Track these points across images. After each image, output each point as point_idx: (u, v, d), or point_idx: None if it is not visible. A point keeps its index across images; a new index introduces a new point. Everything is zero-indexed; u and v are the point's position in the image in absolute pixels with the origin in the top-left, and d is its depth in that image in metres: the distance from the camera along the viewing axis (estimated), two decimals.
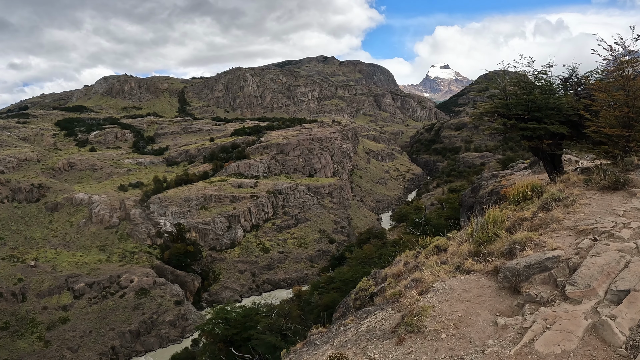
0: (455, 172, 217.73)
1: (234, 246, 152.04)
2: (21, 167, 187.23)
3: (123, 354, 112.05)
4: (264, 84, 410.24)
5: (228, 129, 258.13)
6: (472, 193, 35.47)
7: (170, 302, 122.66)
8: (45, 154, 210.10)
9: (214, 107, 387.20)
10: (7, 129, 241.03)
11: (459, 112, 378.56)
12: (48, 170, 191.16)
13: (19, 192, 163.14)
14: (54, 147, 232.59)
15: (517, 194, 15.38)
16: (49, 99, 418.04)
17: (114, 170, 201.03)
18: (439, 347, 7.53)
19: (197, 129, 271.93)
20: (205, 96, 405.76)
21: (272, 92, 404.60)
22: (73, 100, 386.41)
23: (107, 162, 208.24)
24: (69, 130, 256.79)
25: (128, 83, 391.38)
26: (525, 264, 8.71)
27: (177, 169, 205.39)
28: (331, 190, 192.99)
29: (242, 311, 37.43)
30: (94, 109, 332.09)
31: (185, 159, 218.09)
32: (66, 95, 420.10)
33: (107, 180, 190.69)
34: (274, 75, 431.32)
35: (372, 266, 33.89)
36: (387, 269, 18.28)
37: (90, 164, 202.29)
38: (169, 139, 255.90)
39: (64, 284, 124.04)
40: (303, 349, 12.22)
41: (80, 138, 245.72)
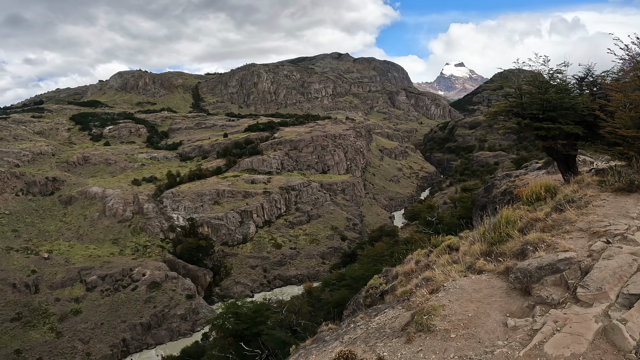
0: (469, 171, 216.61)
1: (246, 241, 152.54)
2: (36, 160, 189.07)
3: (134, 346, 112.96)
4: (278, 80, 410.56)
5: (242, 125, 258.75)
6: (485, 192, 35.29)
7: (181, 296, 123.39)
8: (60, 148, 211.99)
9: (227, 103, 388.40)
10: (22, 123, 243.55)
11: (473, 110, 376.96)
12: (62, 164, 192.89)
13: (34, 186, 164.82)
14: (69, 141, 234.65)
15: (531, 194, 15.30)
16: (64, 93, 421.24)
17: (128, 165, 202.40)
18: (448, 346, 7.53)
19: (210, 124, 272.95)
20: (219, 92, 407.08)
21: (286, 89, 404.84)
22: (88, 95, 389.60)
23: (121, 156, 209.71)
24: (83, 124, 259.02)
25: (142, 78, 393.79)
26: (537, 265, 8.67)
27: (190, 164, 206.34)
28: (344, 187, 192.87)
29: (252, 306, 37.53)
30: (109, 104, 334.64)
31: (199, 154, 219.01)
32: (81, 90, 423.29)
33: (121, 174, 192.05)
34: (288, 72, 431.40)
35: (384, 264, 33.86)
36: (398, 267, 18.28)
37: (104, 158, 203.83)
38: (182, 134, 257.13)
39: (76, 276, 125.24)
40: (312, 345, 12.26)
41: (94, 132, 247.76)
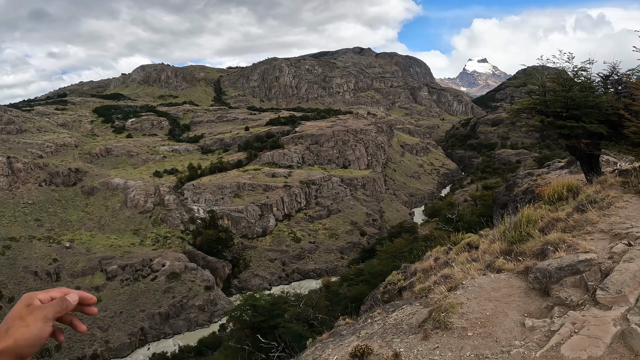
0: (490, 168, 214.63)
1: (266, 235, 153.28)
2: (59, 152, 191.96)
3: (152, 335, 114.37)
4: (300, 75, 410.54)
5: (263, 119, 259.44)
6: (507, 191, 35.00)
7: (200, 287, 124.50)
8: (83, 140, 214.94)
9: (249, 97, 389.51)
10: (46, 115, 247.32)
11: (496, 107, 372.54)
12: (85, 155, 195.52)
13: (57, 176, 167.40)
14: (92, 133, 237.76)
15: (552, 194, 15.17)
16: (87, 86, 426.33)
17: (150, 157, 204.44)
18: (464, 344, 7.54)
19: (232, 117, 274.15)
20: (240, 86, 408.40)
21: (308, 83, 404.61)
22: (111, 88, 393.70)
23: (143, 148, 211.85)
24: (106, 117, 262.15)
25: (165, 72, 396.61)
26: (556, 266, 8.62)
27: (211, 156, 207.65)
28: (364, 183, 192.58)
29: (270, 299, 37.72)
30: (131, 97, 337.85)
31: (220, 147, 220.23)
32: (104, 83, 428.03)
33: (142, 166, 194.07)
34: (310, 66, 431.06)
35: (402, 260, 33.81)
36: (417, 264, 18.27)
37: (126, 150, 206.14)
38: (204, 127, 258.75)
39: (97, 266, 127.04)
40: (329, 339, 12.32)
41: (117, 125, 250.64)
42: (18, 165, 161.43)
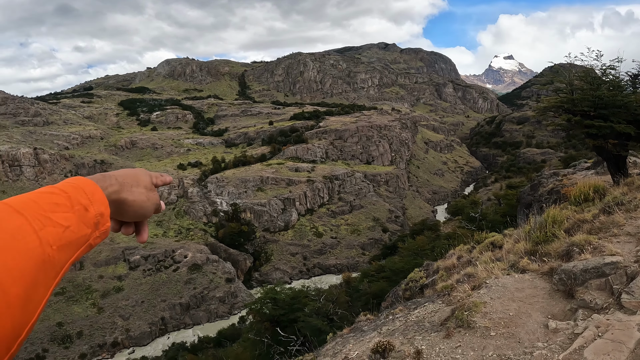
0: (515, 167, 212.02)
1: (288, 229, 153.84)
2: (85, 143, 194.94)
3: (172, 325, 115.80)
4: (324, 70, 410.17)
5: (287, 113, 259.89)
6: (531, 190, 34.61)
7: (221, 279, 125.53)
8: (109, 132, 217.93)
9: (273, 91, 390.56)
10: (72, 108, 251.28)
11: (522, 105, 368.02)
12: (111, 147, 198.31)
13: (82, 167, 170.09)
14: (117, 125, 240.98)
15: (579, 195, 15.00)
16: (112, 80, 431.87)
17: (174, 150, 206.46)
18: (487, 344, 7.54)
19: (256, 112, 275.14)
20: (265, 80, 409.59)
21: (332, 78, 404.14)
22: (136, 81, 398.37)
23: (167, 141, 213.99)
24: (131, 110, 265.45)
25: (190, 66, 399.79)
26: (582, 268, 8.54)
27: (235, 150, 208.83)
28: (388, 179, 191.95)
29: (291, 293, 37.79)
30: (156, 91, 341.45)
31: (244, 141, 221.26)
32: (129, 77, 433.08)
33: (167, 158, 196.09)
34: (334, 61, 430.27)
35: (424, 258, 33.70)
36: (439, 262, 18.21)
37: (151, 143, 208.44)
38: (228, 121, 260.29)
39: (120, 255, 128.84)
40: (350, 334, 12.38)
41: (142, 118, 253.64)
42: (44, 157, 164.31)
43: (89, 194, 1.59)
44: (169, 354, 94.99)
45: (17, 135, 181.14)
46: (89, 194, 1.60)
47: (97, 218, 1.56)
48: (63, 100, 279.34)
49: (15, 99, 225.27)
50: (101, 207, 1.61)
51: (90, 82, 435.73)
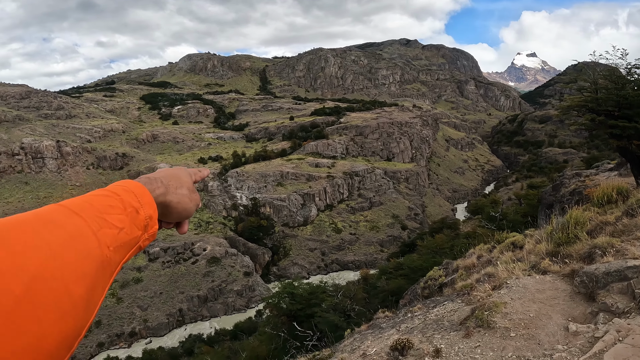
0: (536, 167, 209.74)
1: (307, 224, 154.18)
2: (107, 137, 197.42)
3: (189, 316, 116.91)
4: (345, 65, 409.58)
5: (308, 109, 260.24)
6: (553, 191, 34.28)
7: (239, 273, 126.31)
8: (130, 126, 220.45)
9: (294, 87, 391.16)
10: (94, 102, 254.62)
11: (544, 104, 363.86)
12: (132, 140, 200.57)
13: (104, 160, 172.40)
14: (139, 119, 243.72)
15: (601, 196, 14.82)
16: (134, 74, 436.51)
17: (195, 144, 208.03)
18: (506, 345, 7.53)
19: (277, 107, 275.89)
20: (286, 75, 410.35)
21: (353, 74, 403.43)
22: (158, 76, 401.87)
23: (188, 135, 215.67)
24: (153, 104, 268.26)
25: (211, 61, 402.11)
26: (604, 271, 8.46)
27: (256, 145, 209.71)
28: (408, 176, 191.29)
29: (308, 288, 37.95)
30: (178, 85, 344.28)
31: (265, 135, 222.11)
32: (151, 72, 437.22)
33: (188, 152, 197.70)
34: (356, 57, 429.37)
35: (443, 257, 33.58)
36: (459, 261, 18.16)
37: (172, 137, 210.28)
38: (249, 116, 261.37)
39: None
40: (368, 331, 12.41)
41: (163, 112, 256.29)
42: (67, 149, 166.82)
43: (139, 197, 1.64)
44: (185, 345, 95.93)
45: (40, 128, 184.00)
46: (139, 196, 1.64)
47: (146, 220, 1.60)
48: (86, 94, 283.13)
49: (38, 93, 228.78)
50: (150, 209, 1.65)
51: (113, 77, 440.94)
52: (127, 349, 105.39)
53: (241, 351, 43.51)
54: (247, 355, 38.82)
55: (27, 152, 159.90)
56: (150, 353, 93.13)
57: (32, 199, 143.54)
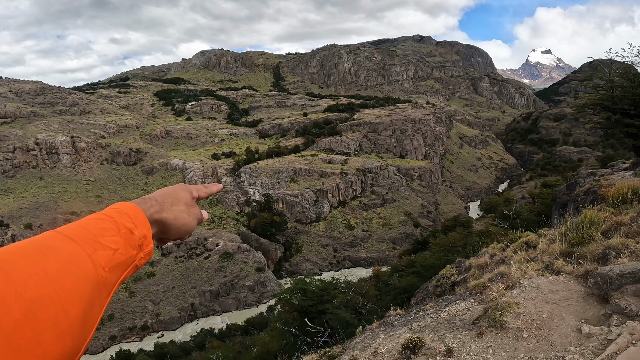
0: (551, 166, 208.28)
1: (319, 220, 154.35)
2: (121, 132, 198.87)
3: (201, 311, 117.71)
4: (359, 62, 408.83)
5: (321, 105, 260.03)
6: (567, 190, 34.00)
7: (251, 268, 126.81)
8: (144, 122, 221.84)
9: (308, 83, 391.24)
10: (108, 98, 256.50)
11: (559, 101, 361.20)
12: (146, 136, 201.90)
13: (118, 156, 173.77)
14: (153, 115, 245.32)
15: (616, 196, 14.67)
16: (148, 71, 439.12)
17: (208, 140, 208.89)
18: (519, 345, 7.51)
19: (290, 103, 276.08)
20: (299, 72, 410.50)
21: (367, 70, 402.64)
22: (171, 72, 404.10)
23: (202, 131, 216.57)
24: (167, 100, 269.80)
25: (224, 57, 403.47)
26: (618, 272, 8.39)
27: (269, 141, 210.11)
28: (421, 173, 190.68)
29: (320, 284, 37.86)
30: (191, 81, 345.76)
31: (278, 132, 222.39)
32: (165, 68, 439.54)
33: (201, 148, 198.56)
34: (369, 53, 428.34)
35: (456, 255, 33.46)
36: (472, 259, 18.08)
37: (186, 133, 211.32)
38: (262, 112, 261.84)
39: None
40: (379, 329, 12.41)
41: (177, 108, 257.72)
42: (81, 145, 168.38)
43: (132, 218, 1.70)
44: (196, 340, 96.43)
45: (54, 124, 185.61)
46: (132, 217, 1.70)
47: (141, 240, 1.67)
48: (100, 90, 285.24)
49: (53, 89, 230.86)
50: (144, 229, 1.72)
51: (126, 73, 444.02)
52: (139, 343, 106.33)
53: (252, 346, 43.73)
54: (258, 351, 39.00)
55: (42, 148, 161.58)
56: (161, 347, 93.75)
57: (46, 194, 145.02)
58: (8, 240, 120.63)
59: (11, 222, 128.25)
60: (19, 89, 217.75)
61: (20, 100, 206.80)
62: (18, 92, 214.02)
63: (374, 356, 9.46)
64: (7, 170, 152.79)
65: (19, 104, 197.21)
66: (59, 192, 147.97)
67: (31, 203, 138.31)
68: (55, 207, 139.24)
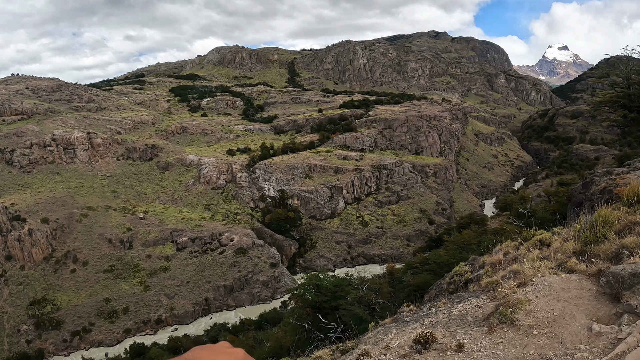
0: (567, 164, 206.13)
1: (334, 217, 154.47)
2: (137, 128, 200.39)
3: (215, 306, 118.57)
4: (374, 58, 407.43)
5: (336, 101, 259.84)
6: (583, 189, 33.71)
7: (265, 264, 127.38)
8: (160, 118, 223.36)
9: (323, 79, 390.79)
10: (124, 94, 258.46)
11: (576, 98, 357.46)
12: (161, 132, 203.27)
13: (134, 151, 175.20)
14: (168, 111, 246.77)
15: (632, 195, 14.58)
16: (163, 67, 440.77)
17: (224, 136, 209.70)
18: (529, 342, 7.56)
19: (305, 99, 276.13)
20: (314, 68, 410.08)
21: (382, 67, 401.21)
22: (187, 69, 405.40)
23: (217, 127, 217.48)
24: (182, 96, 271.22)
25: (239, 54, 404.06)
26: (630, 272, 8.39)
27: (284, 137, 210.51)
28: (436, 170, 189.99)
29: (334, 280, 37.93)
30: (206, 78, 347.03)
31: (293, 128, 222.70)
32: (180, 65, 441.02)
33: (216, 144, 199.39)
34: (384, 50, 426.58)
35: (470, 252, 33.38)
36: (485, 257, 18.04)
37: (201, 129, 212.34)
38: (277, 108, 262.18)
39: (168, 237, 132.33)
40: (392, 324, 12.47)
41: (192, 104, 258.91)
42: (97, 141, 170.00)
43: None
44: (210, 334, 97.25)
45: (71, 120, 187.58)
46: None
47: None
48: (115, 87, 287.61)
49: (69, 86, 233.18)
50: None
51: (142, 70, 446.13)
52: (153, 336, 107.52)
53: (265, 341, 43.97)
54: (271, 345, 39.19)
55: (59, 144, 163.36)
56: (175, 340, 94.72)
57: (63, 189, 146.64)
58: (25, 234, 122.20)
59: (28, 217, 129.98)
60: (35, 86, 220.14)
61: (37, 97, 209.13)
62: (35, 89, 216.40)
63: (385, 350, 9.55)
64: (25, 166, 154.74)
65: (35, 101, 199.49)
66: (76, 187, 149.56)
67: (48, 198, 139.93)
68: (72, 202, 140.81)
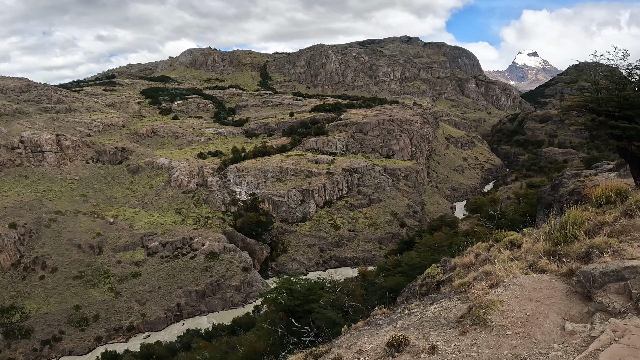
0: (536, 166, 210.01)
1: (306, 220, 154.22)
2: (107, 131, 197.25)
3: (187, 311, 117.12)
4: (346, 62, 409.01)
5: (308, 105, 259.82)
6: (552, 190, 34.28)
7: (237, 268, 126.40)
8: (130, 120, 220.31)
9: (295, 83, 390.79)
10: (94, 96, 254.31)
11: (545, 103, 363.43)
12: (132, 135, 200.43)
13: (104, 154, 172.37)
14: (139, 114, 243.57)
15: (600, 196, 14.80)
16: (135, 69, 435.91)
17: (195, 139, 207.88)
18: (502, 343, 7.54)
19: (277, 103, 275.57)
20: (286, 71, 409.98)
21: (354, 71, 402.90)
22: (158, 70, 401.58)
23: (188, 130, 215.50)
24: (153, 98, 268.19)
25: (212, 56, 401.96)
26: (601, 271, 8.46)
27: (255, 140, 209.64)
28: (407, 174, 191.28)
29: (306, 284, 37.78)
30: (178, 80, 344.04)
31: (265, 131, 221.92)
32: (151, 66, 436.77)
33: (187, 147, 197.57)
34: (357, 54, 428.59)
35: (441, 254, 33.62)
36: (457, 259, 18.14)
37: (172, 131, 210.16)
38: (249, 111, 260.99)
39: (139, 242, 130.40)
40: (365, 327, 12.42)
41: (163, 106, 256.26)
42: (66, 143, 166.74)
43: None
44: (183, 340, 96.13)
45: (40, 122, 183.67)
46: None
47: None
48: (86, 88, 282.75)
49: (38, 86, 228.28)
50: None
51: (113, 71, 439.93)
52: (124, 343, 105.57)
53: (239, 346, 43.64)
54: (244, 351, 38.91)
55: (27, 146, 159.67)
56: (148, 347, 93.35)
57: (31, 193, 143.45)
58: None
59: None
60: (3, 86, 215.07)
61: (5, 97, 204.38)
62: (3, 89, 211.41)
63: (359, 354, 9.46)
64: None
65: (3, 101, 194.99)
66: (44, 191, 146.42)
67: (15, 202, 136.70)
68: (40, 207, 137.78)
